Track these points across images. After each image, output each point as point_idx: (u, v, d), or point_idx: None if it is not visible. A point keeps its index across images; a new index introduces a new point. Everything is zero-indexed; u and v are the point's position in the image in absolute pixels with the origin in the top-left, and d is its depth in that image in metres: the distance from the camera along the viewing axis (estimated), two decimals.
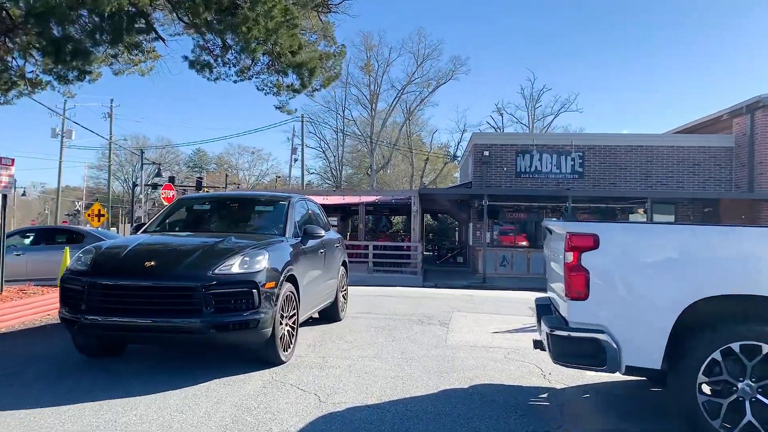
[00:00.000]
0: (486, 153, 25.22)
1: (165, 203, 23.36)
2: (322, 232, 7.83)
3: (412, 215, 23.06)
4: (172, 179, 45.57)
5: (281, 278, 6.50)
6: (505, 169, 25.45)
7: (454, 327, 9.46)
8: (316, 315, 9.11)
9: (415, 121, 57.17)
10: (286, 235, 7.39)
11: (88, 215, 24.63)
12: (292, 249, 7.20)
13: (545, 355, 5.20)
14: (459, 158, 38.73)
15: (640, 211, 24.89)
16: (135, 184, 32.57)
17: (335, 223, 39.55)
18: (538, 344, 5.84)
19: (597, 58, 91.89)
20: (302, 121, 39.36)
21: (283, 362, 6.61)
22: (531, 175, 25.38)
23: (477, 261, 24.68)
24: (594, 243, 4.68)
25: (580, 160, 25.34)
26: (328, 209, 36.66)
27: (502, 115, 52.88)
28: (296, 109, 15.39)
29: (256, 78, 14.18)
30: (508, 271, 24.25)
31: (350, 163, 59.46)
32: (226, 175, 45.62)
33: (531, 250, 24.85)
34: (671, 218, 25.42)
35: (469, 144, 27.56)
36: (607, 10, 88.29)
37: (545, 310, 5.94)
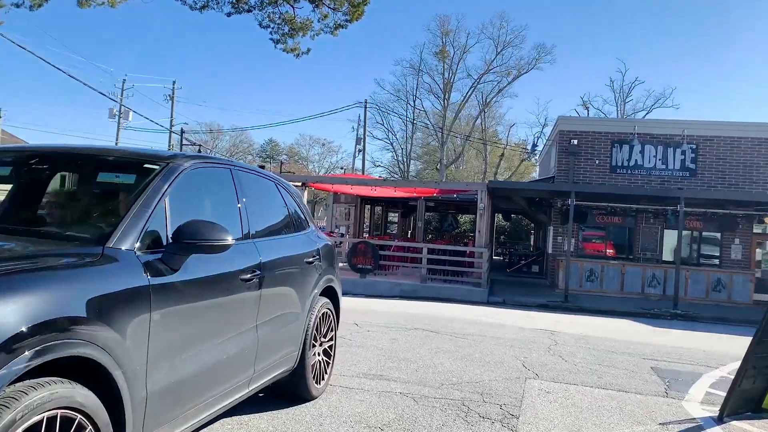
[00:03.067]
0: (574, 141, 20.02)
1: None
2: (229, 239, 3.21)
3: (478, 214, 18.23)
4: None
5: None
6: (597, 162, 20.17)
7: (528, 430, 4.70)
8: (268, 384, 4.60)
9: (491, 115, 51.80)
10: (113, 243, 2.84)
11: None
12: (113, 280, 2.69)
13: None
14: (538, 154, 33.27)
15: (767, 220, 19.11)
16: None
17: (395, 219, 35.01)
18: None
19: (697, 47, 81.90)
20: (365, 107, 35.16)
21: None
22: (629, 171, 19.99)
23: (557, 273, 19.54)
24: None
25: (693, 154, 19.75)
26: (382, 203, 32.17)
27: (588, 109, 46.86)
28: (309, 50, 11.12)
29: (259, 11, 9.80)
30: (596, 288, 19.01)
31: (420, 158, 54.76)
32: (281, 163, 41.82)
33: (626, 263, 19.49)
34: None
35: (554, 131, 22.37)
36: None
37: None
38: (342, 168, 53.82)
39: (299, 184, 20.80)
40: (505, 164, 52.30)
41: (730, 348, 9.91)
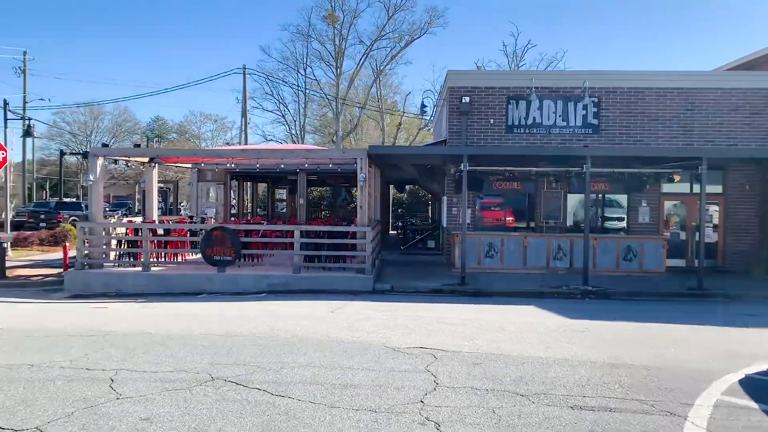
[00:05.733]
0: (466, 99, 16.79)
1: None
2: None
3: (359, 186, 14.70)
4: (105, 146, 36.84)
5: None
6: (491, 121, 17.05)
7: None
8: None
9: (387, 84, 48.26)
10: None
11: None
12: None
13: None
14: (430, 117, 29.96)
15: (677, 177, 16.70)
16: None
17: (284, 197, 30.97)
18: None
19: (589, 8, 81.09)
20: (244, 73, 30.28)
21: None
22: (527, 130, 17.01)
23: (453, 250, 16.43)
24: None
25: (595, 109, 17.01)
26: (266, 179, 27.87)
27: None
28: None
29: None
30: (496, 265, 16.03)
31: (317, 131, 50.66)
32: (147, 140, 36.27)
33: (528, 234, 16.61)
34: (719, 188, 17.30)
35: (444, 89, 19.10)
36: None
37: None
38: (228, 143, 48.85)
39: (146, 160, 16.49)
40: (405, 134, 49.13)
41: (675, 353, 6.95)
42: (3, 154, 14.47)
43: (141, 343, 6.90)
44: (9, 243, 18.95)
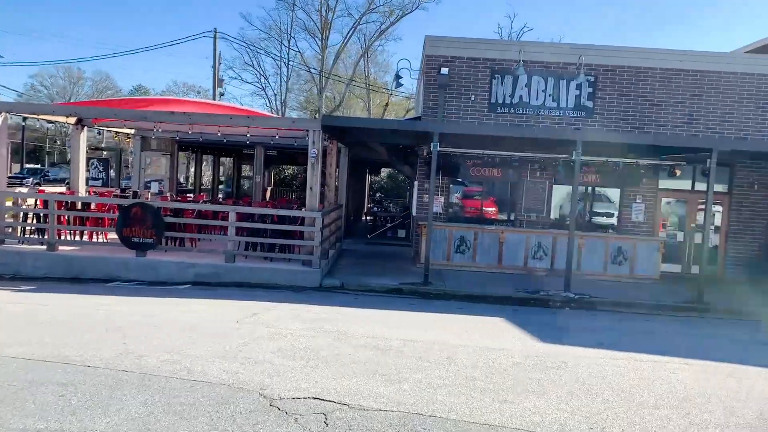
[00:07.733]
0: (444, 70, 14.40)
1: None
2: None
3: (309, 163, 12.31)
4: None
5: None
6: (473, 97, 14.66)
7: None
8: None
9: (376, 62, 45.59)
10: None
11: None
12: None
13: None
14: (412, 92, 27.26)
15: (678, 171, 14.46)
16: None
17: (258, 178, 28.44)
18: None
19: None
20: (214, 37, 27.35)
21: None
22: (513, 110, 14.63)
23: (420, 242, 14.11)
24: None
25: (590, 89, 14.65)
26: (233, 153, 24.97)
27: None
28: None
29: None
30: (467, 261, 13.75)
31: (302, 107, 47.98)
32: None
33: (505, 228, 14.27)
34: (723, 187, 15.05)
35: (422, 58, 16.61)
36: None
37: None
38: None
39: (73, 121, 14.01)
40: (392, 116, 46.61)
41: (689, 416, 4.71)
42: None
43: None
44: None
